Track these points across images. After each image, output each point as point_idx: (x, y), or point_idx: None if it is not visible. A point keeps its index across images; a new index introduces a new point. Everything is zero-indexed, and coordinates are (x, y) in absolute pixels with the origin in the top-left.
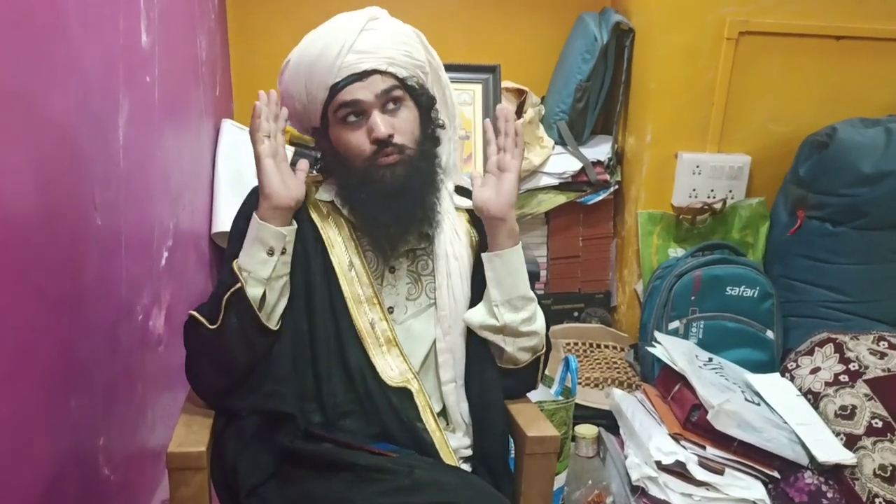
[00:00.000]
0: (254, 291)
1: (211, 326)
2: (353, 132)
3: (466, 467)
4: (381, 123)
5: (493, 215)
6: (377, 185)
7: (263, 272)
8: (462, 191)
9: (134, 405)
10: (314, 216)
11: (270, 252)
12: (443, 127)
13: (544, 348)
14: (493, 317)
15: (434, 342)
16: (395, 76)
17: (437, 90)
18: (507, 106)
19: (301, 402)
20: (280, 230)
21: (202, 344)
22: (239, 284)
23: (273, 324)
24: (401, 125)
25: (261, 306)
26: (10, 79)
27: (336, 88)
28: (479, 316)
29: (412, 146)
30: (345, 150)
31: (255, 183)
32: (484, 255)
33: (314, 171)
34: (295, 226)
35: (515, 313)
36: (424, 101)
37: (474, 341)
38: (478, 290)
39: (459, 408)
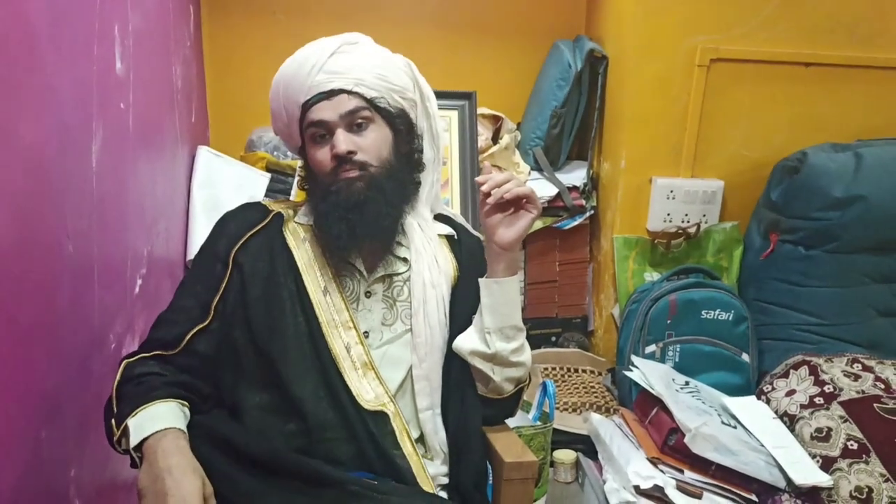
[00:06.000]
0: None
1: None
2: (320, 149)
3: (444, 495)
4: (341, 141)
5: (500, 246)
6: (334, 197)
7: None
8: (443, 218)
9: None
10: (290, 241)
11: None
12: (421, 151)
13: (528, 380)
14: (485, 344)
15: (411, 368)
16: (362, 97)
17: (425, 120)
18: (487, 177)
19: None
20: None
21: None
22: (118, 430)
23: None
24: (366, 144)
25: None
26: None
27: (307, 106)
28: (469, 342)
29: (376, 164)
30: (315, 167)
31: (227, 208)
32: (482, 281)
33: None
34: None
35: (507, 342)
36: (399, 123)
37: (455, 368)
38: (459, 317)
39: (437, 436)
